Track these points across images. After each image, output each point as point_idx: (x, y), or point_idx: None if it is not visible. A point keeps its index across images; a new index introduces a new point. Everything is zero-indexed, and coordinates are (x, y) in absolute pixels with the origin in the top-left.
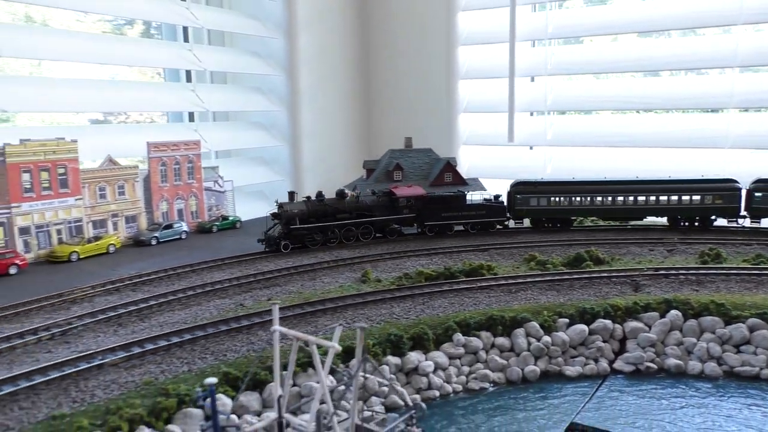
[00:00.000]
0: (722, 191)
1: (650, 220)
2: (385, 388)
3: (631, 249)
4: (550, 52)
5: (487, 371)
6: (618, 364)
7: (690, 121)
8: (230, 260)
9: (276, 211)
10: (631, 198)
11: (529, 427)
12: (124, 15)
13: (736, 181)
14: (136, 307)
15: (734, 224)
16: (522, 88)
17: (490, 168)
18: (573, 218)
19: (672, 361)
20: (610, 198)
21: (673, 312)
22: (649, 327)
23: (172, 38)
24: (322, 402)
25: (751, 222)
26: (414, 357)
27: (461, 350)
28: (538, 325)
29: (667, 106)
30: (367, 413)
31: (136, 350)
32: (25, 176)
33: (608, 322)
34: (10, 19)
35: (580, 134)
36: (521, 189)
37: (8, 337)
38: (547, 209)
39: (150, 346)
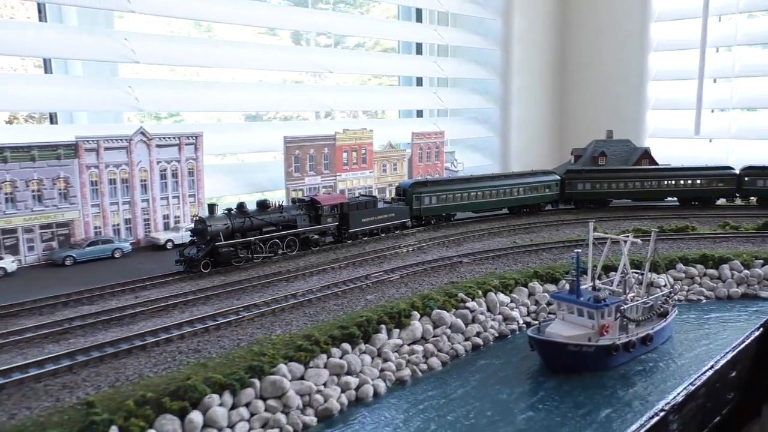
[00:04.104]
0: (549, 182)
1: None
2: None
3: None
4: (737, 56)
5: (702, 289)
6: None
7: None
8: (488, 215)
9: (196, 227)
10: (489, 192)
11: (736, 318)
12: (398, 38)
13: (556, 173)
14: (447, 239)
15: (557, 207)
16: (706, 88)
17: (673, 158)
18: (453, 213)
19: None
20: (480, 193)
21: None
22: None
23: (407, 51)
24: (624, 273)
25: (565, 205)
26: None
27: (682, 275)
28: (739, 263)
29: None
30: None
31: (477, 257)
32: (344, 155)
33: None
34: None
35: (761, 129)
36: (416, 189)
37: (371, 252)
38: (436, 206)
39: (480, 256)
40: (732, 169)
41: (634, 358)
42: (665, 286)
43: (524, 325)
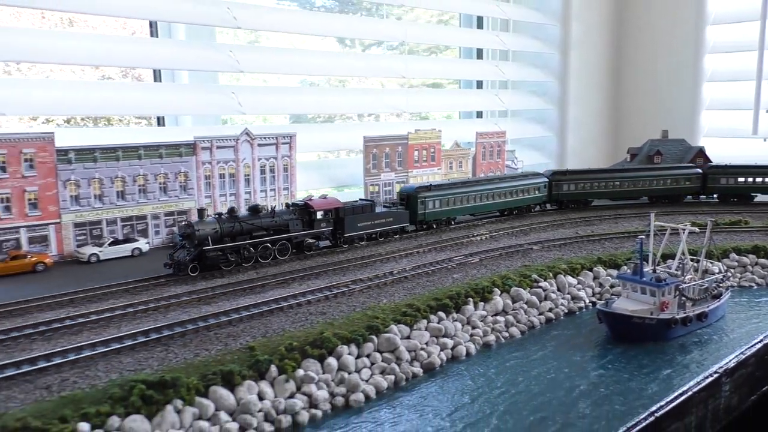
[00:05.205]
0: (538, 184)
1: None
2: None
3: None
4: None
5: (754, 276)
6: None
7: None
8: (551, 210)
9: (184, 231)
10: (488, 194)
11: None
12: (463, 44)
13: (544, 175)
14: (514, 229)
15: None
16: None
17: (727, 157)
18: (454, 217)
19: None
20: (480, 195)
21: None
22: None
23: (468, 56)
24: (682, 258)
25: (551, 205)
26: (704, 263)
27: (735, 263)
28: None
29: None
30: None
31: (544, 245)
32: (415, 153)
33: None
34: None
35: None
36: (422, 194)
37: (448, 240)
38: (440, 210)
39: (547, 244)
40: (697, 168)
41: (691, 332)
42: (719, 272)
43: (590, 304)
